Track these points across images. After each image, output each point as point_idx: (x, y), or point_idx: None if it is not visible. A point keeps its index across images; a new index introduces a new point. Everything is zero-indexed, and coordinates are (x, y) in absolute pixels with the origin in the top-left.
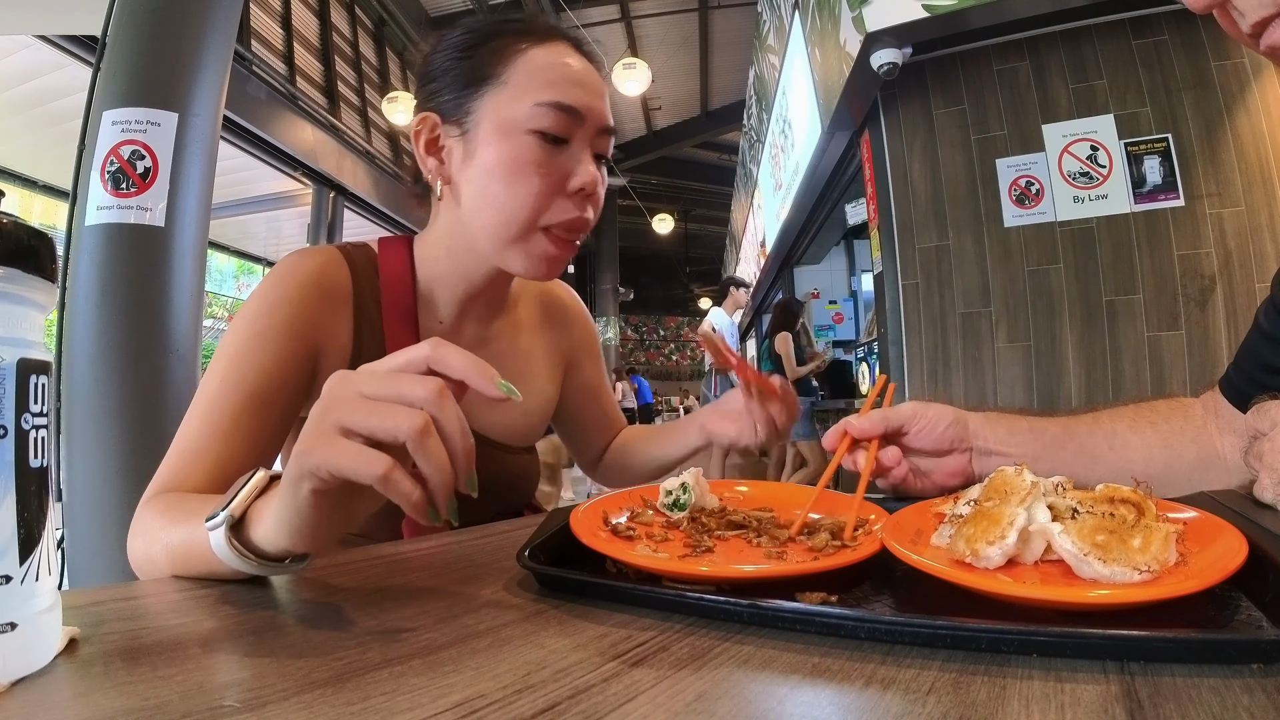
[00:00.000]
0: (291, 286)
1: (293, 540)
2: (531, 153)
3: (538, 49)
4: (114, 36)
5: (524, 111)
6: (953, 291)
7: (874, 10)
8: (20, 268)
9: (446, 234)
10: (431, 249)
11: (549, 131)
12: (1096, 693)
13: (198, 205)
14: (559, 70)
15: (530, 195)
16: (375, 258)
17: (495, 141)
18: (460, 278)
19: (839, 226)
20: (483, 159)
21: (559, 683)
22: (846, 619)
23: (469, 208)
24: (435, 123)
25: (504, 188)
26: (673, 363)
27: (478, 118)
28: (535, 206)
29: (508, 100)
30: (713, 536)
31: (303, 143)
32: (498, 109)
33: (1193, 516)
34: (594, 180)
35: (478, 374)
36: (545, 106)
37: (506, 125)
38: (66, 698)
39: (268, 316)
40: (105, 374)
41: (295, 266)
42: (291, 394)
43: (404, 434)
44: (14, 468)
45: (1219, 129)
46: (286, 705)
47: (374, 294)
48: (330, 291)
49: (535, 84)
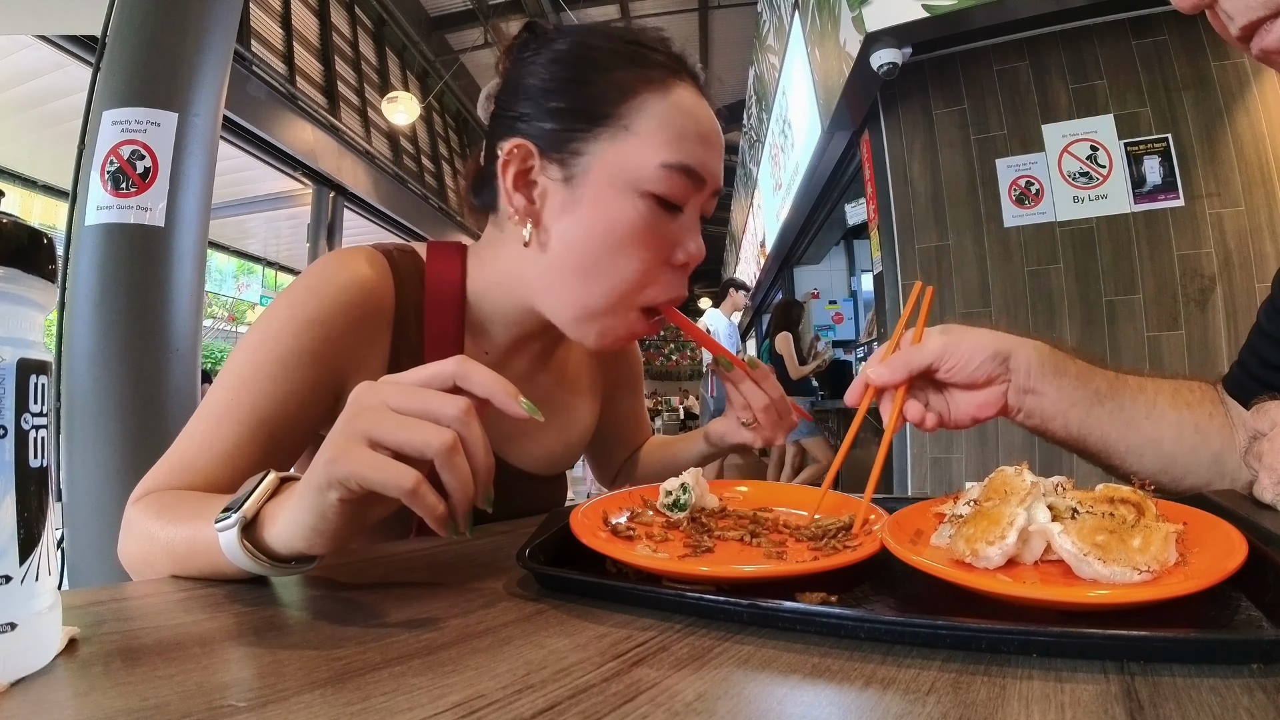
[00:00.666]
0: (325, 305)
1: (309, 543)
2: (646, 219)
3: (669, 92)
4: (114, 36)
5: (646, 170)
6: (953, 291)
7: (874, 10)
8: (20, 268)
9: (516, 272)
10: (491, 276)
11: (667, 197)
12: (1096, 693)
13: (198, 205)
14: (689, 123)
15: (636, 269)
16: (423, 268)
17: (609, 197)
18: (517, 321)
19: (839, 226)
20: (588, 215)
21: (559, 683)
22: (846, 619)
23: (557, 264)
24: (530, 153)
25: (607, 255)
26: (672, 363)
27: (587, 164)
28: (638, 282)
29: (629, 151)
30: (713, 537)
31: (303, 143)
32: (615, 159)
33: (1193, 517)
34: (700, 255)
35: (502, 392)
36: (671, 169)
37: (623, 182)
38: (66, 698)
39: (293, 338)
40: (105, 374)
41: (333, 279)
42: (306, 425)
43: (433, 451)
44: (14, 468)
45: (1219, 129)
46: (286, 705)
47: (417, 311)
48: (369, 312)
49: (663, 138)
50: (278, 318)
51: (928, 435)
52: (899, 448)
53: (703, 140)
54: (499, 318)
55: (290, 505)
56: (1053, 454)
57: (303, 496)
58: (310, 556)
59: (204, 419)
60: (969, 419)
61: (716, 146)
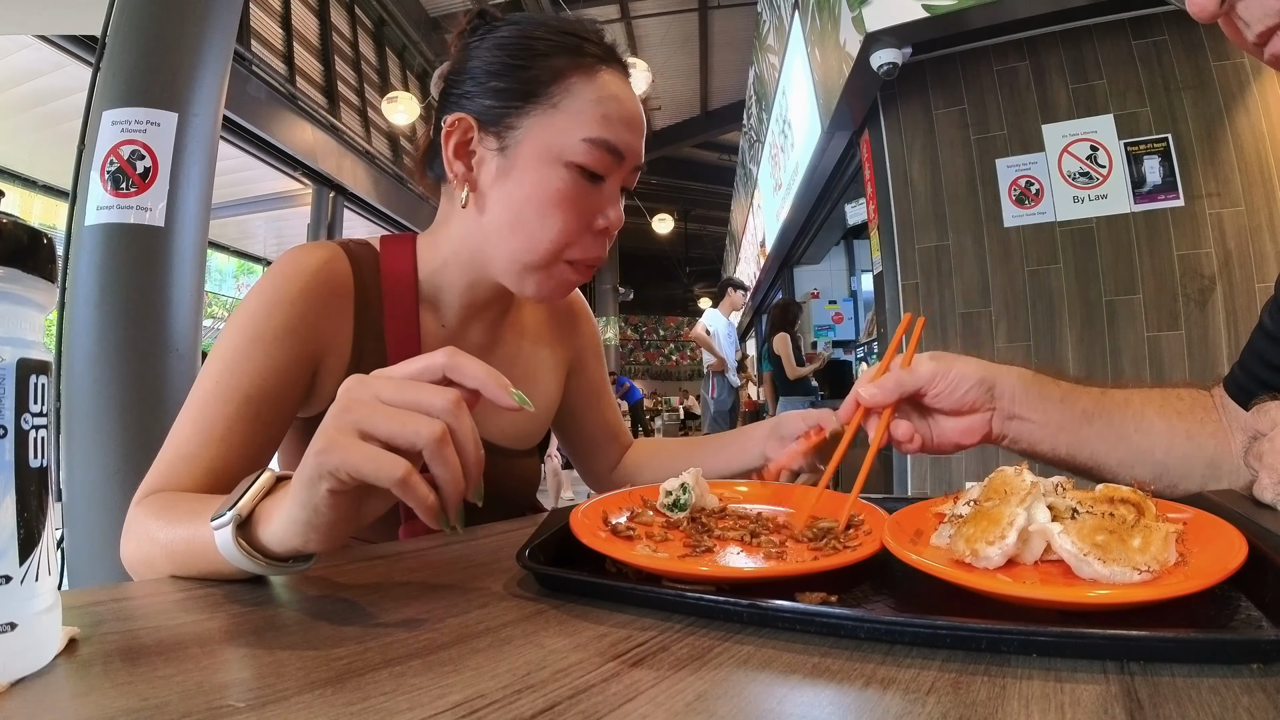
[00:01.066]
0: (293, 286)
1: (305, 539)
2: (569, 187)
3: (597, 76)
4: (114, 36)
5: (570, 143)
6: (952, 291)
7: (874, 10)
8: (20, 268)
9: (459, 240)
10: (439, 251)
11: (589, 168)
12: (1096, 693)
13: (198, 205)
14: (612, 105)
15: (560, 229)
16: (378, 256)
17: (535, 167)
18: (468, 285)
19: (839, 226)
20: (518, 181)
21: (559, 683)
22: (846, 619)
23: (493, 225)
24: (470, 126)
25: (535, 217)
26: (672, 363)
27: (520, 136)
28: (562, 241)
29: (555, 127)
30: (713, 537)
31: (303, 143)
32: (544, 133)
33: (1193, 516)
34: (619, 221)
35: (494, 384)
36: (593, 144)
37: (550, 153)
38: (66, 698)
39: (266, 319)
40: (105, 374)
41: (296, 264)
42: (288, 399)
43: (423, 442)
44: (14, 468)
45: (1219, 129)
46: (286, 705)
47: (376, 293)
48: (332, 291)
49: (587, 116)
50: (251, 304)
51: None
52: None
53: (624, 121)
54: (449, 288)
55: (285, 501)
56: None
57: (295, 491)
58: (307, 555)
59: (193, 406)
60: (952, 444)
61: (636, 127)
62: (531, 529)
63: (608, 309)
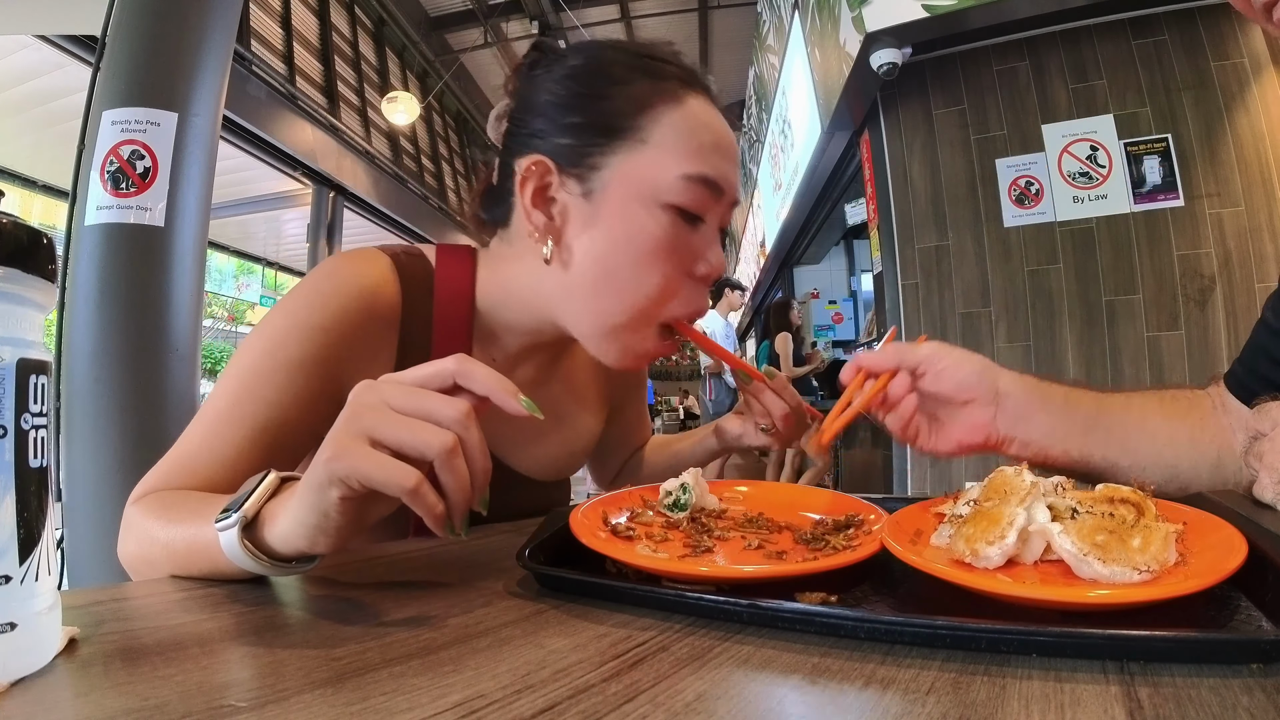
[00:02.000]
0: (330, 312)
1: (311, 542)
2: (667, 232)
3: (684, 104)
4: (114, 36)
5: (666, 181)
6: (952, 291)
7: (874, 10)
8: (20, 268)
9: (534, 287)
10: (503, 287)
11: (688, 209)
12: (1096, 693)
13: (198, 205)
14: (706, 134)
15: (659, 283)
16: (432, 273)
17: (630, 211)
18: (531, 331)
19: (839, 226)
20: (608, 229)
21: (559, 683)
22: (846, 619)
23: (579, 278)
24: (548, 169)
25: (631, 269)
26: (672, 363)
27: (606, 178)
28: (661, 296)
29: (647, 164)
30: (713, 537)
31: (303, 143)
32: (634, 172)
33: (1193, 517)
34: (721, 266)
35: (502, 390)
36: (691, 180)
37: (643, 194)
38: (66, 698)
39: (298, 345)
40: (105, 374)
41: (339, 285)
42: (307, 431)
43: (433, 453)
44: (14, 468)
45: (1219, 129)
46: (286, 705)
47: (425, 317)
48: (374, 319)
49: (682, 149)
50: (282, 322)
51: None
52: (898, 448)
53: (719, 151)
54: (511, 328)
55: (291, 504)
56: None
57: (304, 495)
58: (311, 556)
59: (205, 421)
60: (954, 442)
61: (733, 158)
62: (531, 529)
63: None
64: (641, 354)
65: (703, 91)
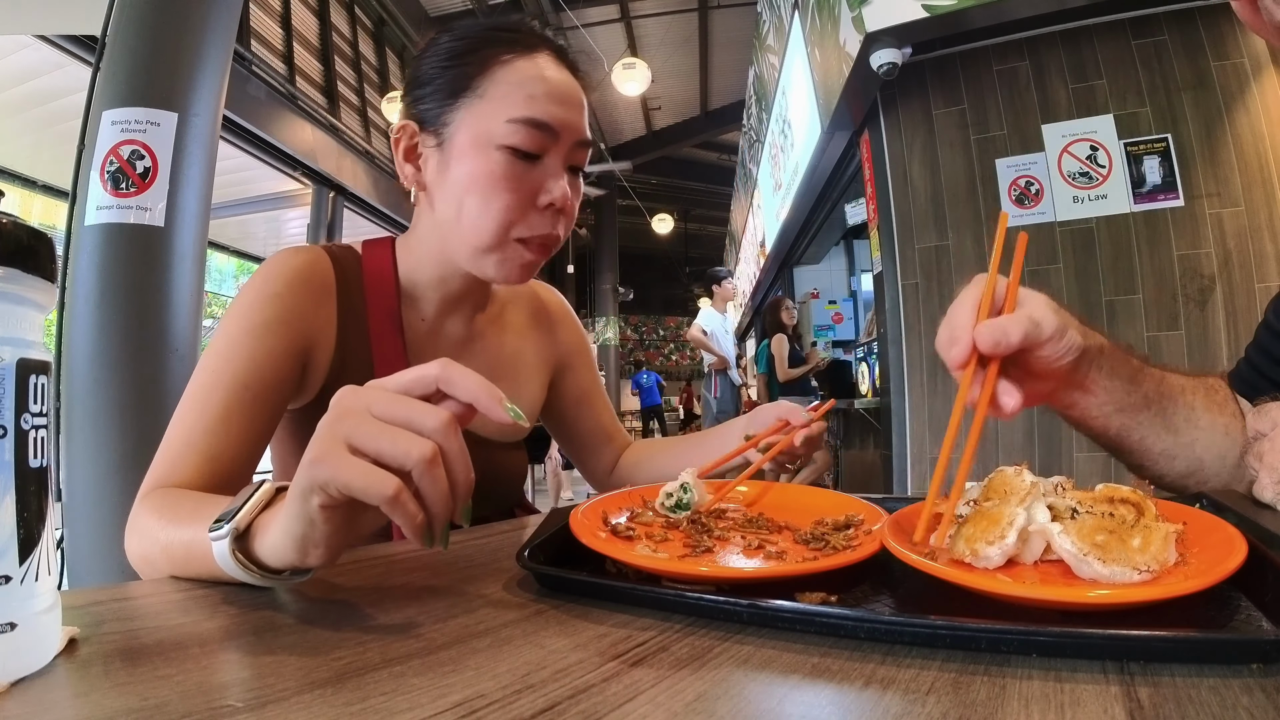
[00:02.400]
0: (280, 282)
1: (300, 554)
2: (503, 168)
3: (518, 61)
4: (114, 36)
5: (497, 127)
6: (952, 291)
7: (874, 10)
8: (20, 268)
9: (425, 238)
10: (413, 251)
11: (520, 148)
12: (1096, 693)
13: (197, 205)
14: (536, 85)
15: (501, 210)
16: (360, 258)
17: (469, 156)
18: (439, 279)
19: (839, 226)
20: (456, 172)
21: (559, 683)
22: (846, 619)
23: (443, 217)
24: (414, 131)
25: (476, 202)
26: (672, 362)
27: (453, 130)
28: (505, 221)
29: (483, 115)
30: (713, 537)
31: (302, 143)
32: (473, 123)
33: (1193, 517)
34: (564, 196)
35: (487, 397)
36: (517, 123)
37: (480, 140)
38: (66, 698)
39: (258, 312)
40: (105, 374)
41: (282, 263)
42: (282, 387)
43: (413, 462)
44: (14, 468)
45: (1218, 129)
46: (286, 705)
47: (359, 292)
48: (317, 287)
49: (510, 99)
50: (242, 301)
51: (927, 435)
52: (899, 448)
53: (552, 97)
54: (425, 284)
55: (280, 515)
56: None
57: (290, 505)
58: (304, 569)
59: (191, 396)
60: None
61: (569, 102)
62: (531, 529)
63: (608, 309)
64: (515, 267)
65: (547, 51)
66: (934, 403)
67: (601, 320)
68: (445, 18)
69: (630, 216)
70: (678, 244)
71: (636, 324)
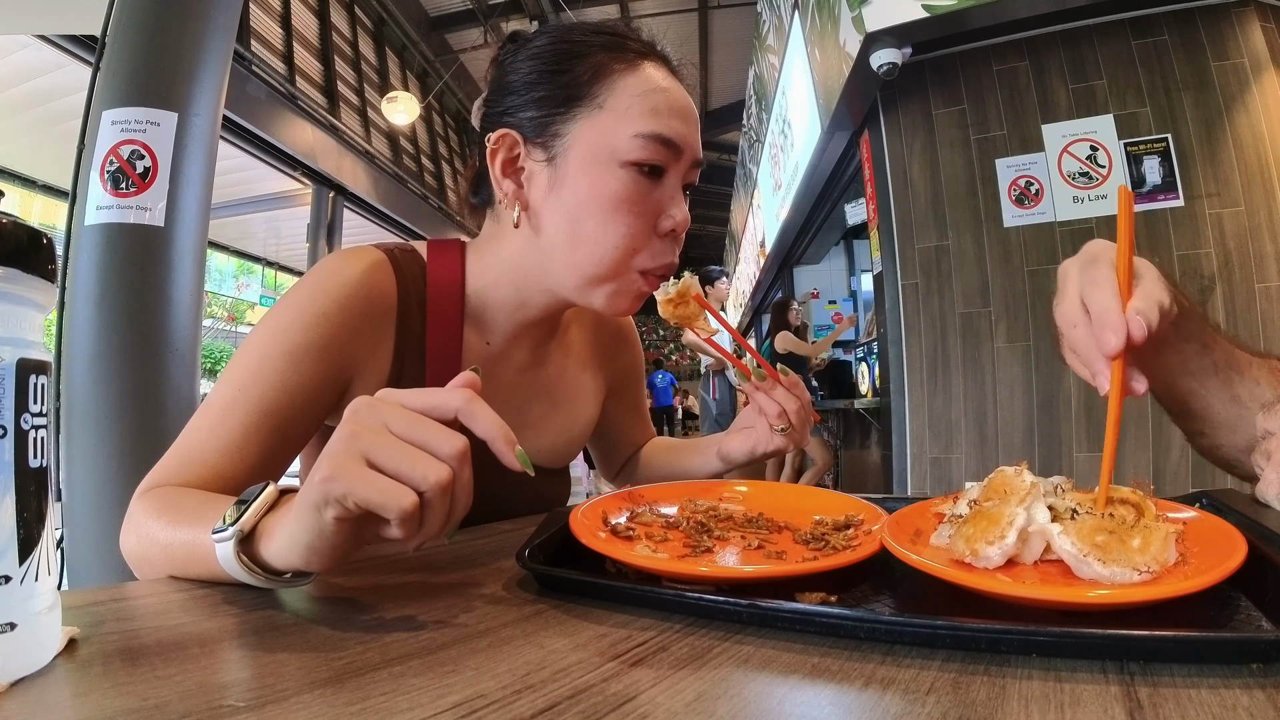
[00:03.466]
0: (332, 301)
1: (306, 560)
2: (627, 188)
3: (639, 70)
4: (114, 36)
5: (623, 141)
6: (952, 292)
7: (873, 10)
8: (20, 268)
9: (515, 260)
10: (491, 269)
11: (647, 164)
12: (1096, 693)
13: (197, 205)
14: (661, 97)
15: (625, 234)
16: (424, 265)
17: (588, 172)
18: (519, 305)
19: (838, 226)
20: (573, 190)
21: (559, 683)
22: (846, 619)
23: (552, 241)
24: (515, 141)
25: (597, 225)
26: (672, 363)
27: (568, 143)
28: (629, 248)
29: (605, 127)
30: (712, 537)
31: (302, 143)
32: (593, 135)
33: (1193, 516)
34: (686, 221)
35: (502, 440)
36: (646, 138)
37: (602, 155)
38: (66, 698)
39: (300, 333)
40: (105, 374)
41: (337, 276)
42: (311, 417)
43: (427, 486)
44: (13, 468)
45: (1218, 129)
46: (286, 705)
47: (420, 305)
48: (374, 307)
49: (635, 111)
50: (285, 314)
51: (927, 435)
52: (898, 448)
53: (675, 112)
54: (499, 306)
55: (288, 522)
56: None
57: (299, 514)
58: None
59: (211, 411)
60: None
61: (690, 119)
62: (531, 529)
63: None
64: (628, 297)
65: (660, 61)
66: (934, 402)
67: None
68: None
69: None
70: None
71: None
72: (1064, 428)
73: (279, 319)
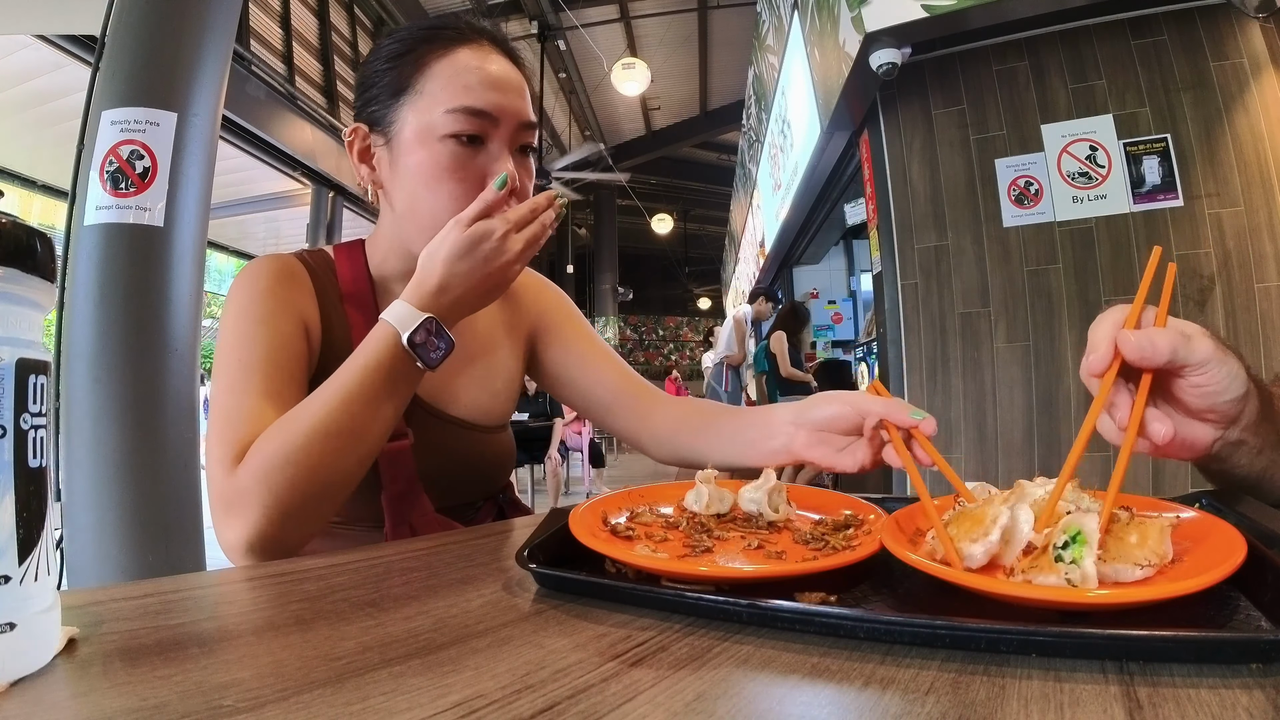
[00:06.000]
0: (264, 279)
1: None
2: (446, 158)
3: (452, 55)
4: (113, 36)
5: (437, 119)
6: (952, 291)
7: (873, 10)
8: (20, 268)
9: (389, 234)
10: (380, 248)
11: (462, 134)
12: (1095, 693)
13: (197, 205)
14: (470, 74)
15: (450, 197)
16: (332, 260)
17: (415, 149)
18: (406, 271)
19: (838, 226)
20: (405, 166)
21: (558, 683)
22: (846, 619)
23: (400, 212)
24: (365, 133)
25: (426, 192)
26: (671, 363)
27: (399, 127)
28: (455, 207)
29: (423, 109)
30: (712, 537)
31: (302, 143)
32: (415, 118)
33: (1191, 516)
34: (515, 176)
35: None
36: (455, 112)
37: (423, 133)
38: (66, 698)
39: (258, 305)
40: (105, 374)
41: (259, 266)
42: (301, 363)
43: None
44: (13, 468)
45: (1218, 129)
46: (286, 705)
47: (334, 290)
48: (293, 279)
49: (447, 91)
50: (236, 304)
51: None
52: None
53: (489, 84)
54: (393, 276)
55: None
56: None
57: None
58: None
59: (230, 383)
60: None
61: (507, 88)
62: (531, 529)
63: (607, 309)
64: None
65: (479, 41)
66: (933, 402)
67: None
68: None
69: (630, 216)
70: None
71: (636, 324)
72: (1064, 428)
73: (234, 309)
